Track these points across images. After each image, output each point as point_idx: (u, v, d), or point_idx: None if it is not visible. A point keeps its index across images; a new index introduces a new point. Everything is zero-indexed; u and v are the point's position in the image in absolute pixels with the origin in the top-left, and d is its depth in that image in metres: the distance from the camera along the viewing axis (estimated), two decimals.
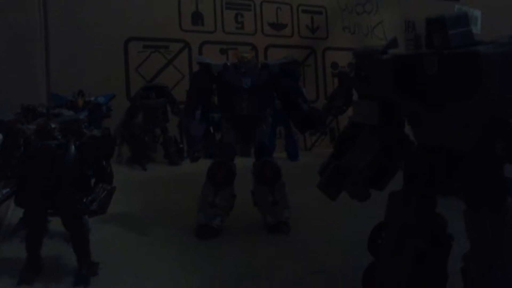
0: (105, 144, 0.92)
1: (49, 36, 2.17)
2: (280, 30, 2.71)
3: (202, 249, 1.07)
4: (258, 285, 0.88)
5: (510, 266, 0.56)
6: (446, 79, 0.60)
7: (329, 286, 0.87)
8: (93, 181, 0.91)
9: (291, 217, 1.19)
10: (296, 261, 0.98)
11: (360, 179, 0.70)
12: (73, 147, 0.88)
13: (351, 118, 0.78)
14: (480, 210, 0.59)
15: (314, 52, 2.80)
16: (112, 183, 0.92)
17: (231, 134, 1.20)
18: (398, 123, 0.72)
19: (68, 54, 2.18)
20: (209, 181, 1.16)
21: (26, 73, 2.08)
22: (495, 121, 0.59)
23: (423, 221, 0.68)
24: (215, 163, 1.17)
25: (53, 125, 0.87)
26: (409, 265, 0.67)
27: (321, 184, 0.75)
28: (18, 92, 1.91)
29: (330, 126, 2.72)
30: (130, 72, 2.33)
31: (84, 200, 0.86)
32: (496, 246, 0.57)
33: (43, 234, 0.91)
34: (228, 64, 1.18)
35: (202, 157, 1.22)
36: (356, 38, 2.89)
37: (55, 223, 0.99)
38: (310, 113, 1.19)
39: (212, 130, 2.13)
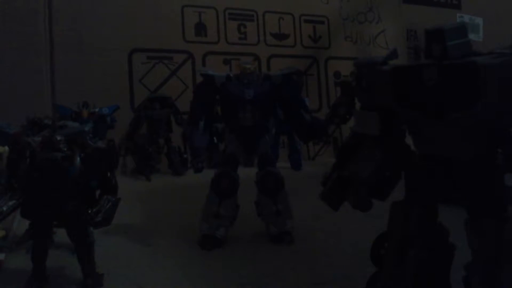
0: (109, 156, 0.93)
1: (54, 47, 2.19)
2: (283, 40, 2.73)
3: (206, 259, 1.07)
4: None
5: (511, 275, 0.57)
6: (446, 89, 0.60)
7: None
8: (98, 192, 0.92)
9: (295, 227, 1.19)
10: (300, 272, 0.99)
11: (362, 189, 0.70)
12: (78, 159, 0.89)
13: (352, 128, 0.79)
14: (481, 219, 0.59)
15: (317, 61, 2.81)
16: (117, 194, 0.93)
17: (234, 144, 1.21)
18: (399, 133, 0.73)
19: (73, 65, 2.20)
20: (213, 191, 1.17)
21: (31, 84, 2.10)
22: (495, 131, 0.59)
23: (425, 231, 0.68)
24: (218, 173, 1.18)
25: (58, 137, 0.89)
26: (411, 275, 0.67)
27: (323, 194, 0.76)
28: (23, 103, 1.93)
29: (333, 136, 2.73)
30: (134, 83, 2.35)
31: (89, 211, 0.87)
32: (497, 255, 0.58)
33: (48, 246, 0.92)
34: (231, 75, 1.19)
35: (205, 168, 1.23)
36: (358, 47, 2.90)
37: (61, 235, 1.00)
38: (312, 123, 1.20)
39: (215, 141, 2.15)
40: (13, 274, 0.95)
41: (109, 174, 0.92)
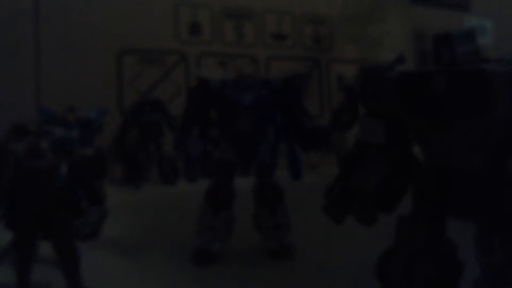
0: (98, 164, 0.94)
1: (40, 49, 2.19)
2: (282, 41, 2.74)
3: (199, 276, 1.07)
4: None
5: None
6: (454, 97, 0.62)
7: None
8: (84, 203, 0.92)
9: (295, 241, 1.19)
10: None
11: (367, 202, 0.71)
12: (65, 167, 0.89)
13: (357, 137, 0.80)
14: (491, 234, 0.60)
15: (318, 64, 2.83)
16: (105, 205, 0.93)
17: (230, 152, 1.21)
18: (406, 142, 0.74)
19: (59, 67, 2.20)
20: (207, 202, 1.17)
21: (15, 86, 2.10)
22: (505, 140, 0.60)
23: (433, 246, 0.69)
24: (213, 183, 1.18)
25: (44, 144, 0.89)
26: None
27: (326, 208, 0.77)
28: (6, 106, 1.93)
29: (336, 143, 2.73)
30: (124, 86, 2.35)
31: (76, 223, 0.88)
32: (507, 271, 0.59)
33: (33, 258, 0.92)
34: (227, 79, 1.19)
35: (199, 177, 1.23)
36: (362, 49, 2.91)
37: (46, 248, 1.00)
38: (315, 131, 1.20)
39: (210, 149, 2.14)
40: None
41: (97, 183, 0.92)
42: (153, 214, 1.65)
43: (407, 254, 0.70)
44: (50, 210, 0.88)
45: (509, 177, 0.61)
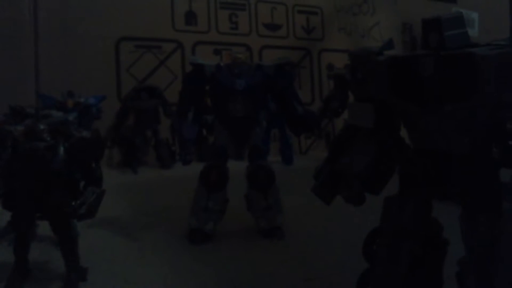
0: (94, 145, 0.92)
1: (39, 35, 2.16)
2: (275, 31, 2.72)
3: (194, 254, 1.07)
4: None
5: (505, 271, 0.57)
6: (442, 80, 0.60)
7: None
8: (82, 184, 0.91)
9: (285, 222, 1.19)
10: (290, 267, 0.99)
11: (355, 183, 0.70)
12: (62, 148, 0.88)
13: (346, 120, 0.79)
14: (476, 214, 0.60)
15: (310, 53, 2.81)
16: (101, 186, 0.92)
17: (224, 136, 1.20)
18: (394, 126, 0.72)
19: (58, 54, 2.18)
20: (201, 185, 1.16)
21: (15, 73, 2.08)
22: (492, 124, 0.59)
23: (418, 226, 0.68)
24: (207, 166, 1.18)
25: (41, 126, 0.87)
26: (404, 270, 0.67)
27: (315, 188, 0.76)
28: (6, 92, 1.90)
29: (326, 129, 2.73)
30: (122, 73, 2.33)
31: (73, 203, 0.86)
32: (491, 251, 0.58)
33: (31, 238, 0.91)
34: (222, 65, 1.19)
35: (194, 160, 1.22)
36: (352, 39, 2.90)
37: (44, 228, 0.99)
38: (305, 115, 1.20)
39: (205, 133, 2.14)
40: None
41: (94, 164, 0.91)
42: (150, 196, 1.64)
43: (393, 234, 0.69)
44: (48, 190, 0.86)
45: (495, 160, 0.60)
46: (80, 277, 0.89)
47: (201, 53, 2.44)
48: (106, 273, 0.94)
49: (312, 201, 0.82)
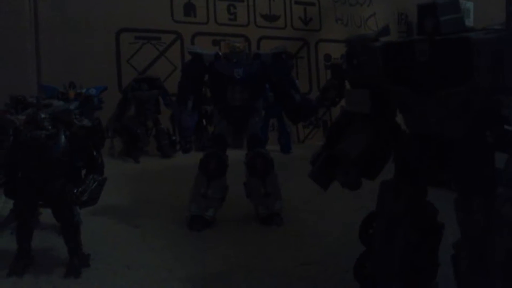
0: (95, 134, 0.91)
1: (40, 27, 2.14)
2: (273, 22, 2.70)
3: (194, 240, 1.07)
4: (250, 275, 0.88)
5: (500, 254, 0.57)
6: (437, 65, 0.59)
7: (320, 277, 0.87)
8: (83, 172, 0.91)
9: (283, 208, 1.19)
10: (288, 252, 0.99)
11: (352, 168, 0.70)
12: (63, 137, 0.87)
13: (343, 107, 0.78)
14: (471, 198, 0.59)
15: (307, 44, 2.79)
16: (103, 173, 0.91)
17: (223, 125, 1.20)
18: (390, 112, 0.72)
19: (58, 45, 2.16)
20: (201, 172, 1.16)
21: (16, 64, 2.06)
22: (486, 109, 0.59)
23: (414, 210, 0.68)
24: (207, 154, 1.17)
25: (43, 115, 0.87)
26: (400, 254, 0.67)
27: (312, 173, 0.75)
28: (7, 83, 1.89)
29: (323, 119, 2.72)
30: (122, 64, 2.32)
31: (75, 191, 0.86)
32: (486, 234, 0.58)
33: (33, 226, 0.90)
34: (220, 54, 1.18)
35: (194, 149, 1.22)
36: (349, 30, 2.88)
37: (46, 215, 0.98)
38: (302, 103, 1.19)
39: (204, 123, 2.13)
40: None
41: (95, 152, 0.90)
42: (151, 184, 1.63)
43: (389, 218, 0.69)
44: (50, 178, 0.85)
45: (489, 145, 0.59)
46: (83, 263, 0.89)
47: (200, 44, 2.42)
48: (108, 259, 0.94)
49: (310, 188, 0.82)
